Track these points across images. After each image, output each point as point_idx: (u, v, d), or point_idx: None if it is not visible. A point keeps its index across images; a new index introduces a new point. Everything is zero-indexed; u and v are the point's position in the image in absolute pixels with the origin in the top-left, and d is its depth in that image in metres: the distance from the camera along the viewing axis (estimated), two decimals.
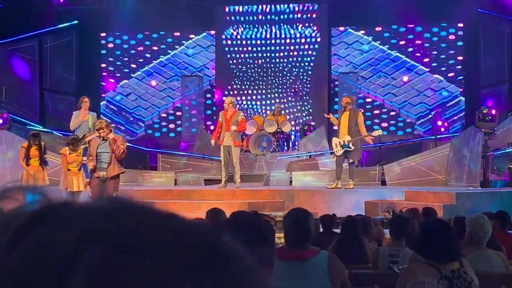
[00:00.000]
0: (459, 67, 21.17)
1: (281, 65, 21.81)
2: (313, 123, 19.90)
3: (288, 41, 21.77)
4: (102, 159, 11.18)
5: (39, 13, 20.19)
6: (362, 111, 15.65)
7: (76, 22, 21.24)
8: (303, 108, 21.49)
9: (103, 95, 22.35)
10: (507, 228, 7.61)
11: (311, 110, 21.51)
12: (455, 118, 20.89)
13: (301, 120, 20.21)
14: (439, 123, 19.14)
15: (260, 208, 12.67)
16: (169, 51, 22.47)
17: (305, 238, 4.31)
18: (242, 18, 21.96)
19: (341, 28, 21.89)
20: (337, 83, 21.63)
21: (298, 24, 21.68)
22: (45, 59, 20.85)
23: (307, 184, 15.29)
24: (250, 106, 21.75)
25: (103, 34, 22.47)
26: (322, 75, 21.50)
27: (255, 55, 21.94)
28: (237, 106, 18.24)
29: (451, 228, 4.58)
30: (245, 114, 17.24)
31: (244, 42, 21.96)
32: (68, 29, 21.26)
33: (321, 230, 7.79)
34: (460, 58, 21.17)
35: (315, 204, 12.07)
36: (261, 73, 21.89)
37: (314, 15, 21.55)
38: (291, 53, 21.75)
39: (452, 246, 4.09)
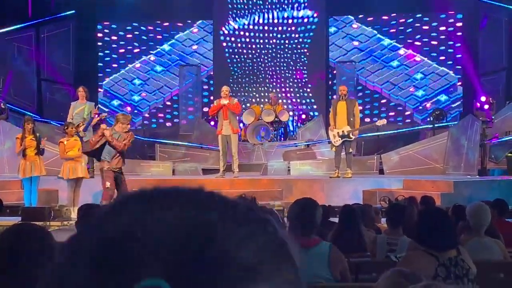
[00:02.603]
0: (458, 55, 21.12)
1: (278, 54, 21.74)
2: (313, 112, 19.87)
3: (285, 29, 21.70)
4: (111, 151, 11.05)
5: (37, 2, 20.12)
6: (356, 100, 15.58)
7: (73, 11, 21.16)
8: (301, 98, 21.46)
9: (101, 84, 22.29)
10: (505, 217, 7.61)
11: (309, 97, 21.48)
12: (453, 106, 20.87)
13: (299, 107, 20.19)
14: (437, 111, 19.11)
15: (259, 198, 12.66)
16: (167, 40, 22.40)
17: (310, 227, 4.32)
18: (239, 7, 21.88)
19: (339, 17, 21.82)
20: (334, 72, 21.57)
21: (295, 12, 21.61)
22: (43, 49, 20.78)
23: (305, 173, 15.28)
24: (248, 95, 21.70)
25: (100, 24, 22.40)
26: (319, 64, 21.45)
27: (252, 44, 21.86)
28: (232, 94, 18.18)
29: (449, 216, 4.59)
30: (241, 101, 17.25)
31: (241, 31, 21.89)
32: (65, 18, 21.17)
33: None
34: (458, 46, 21.12)
35: (313, 193, 12.03)
36: (259, 62, 21.82)
37: (311, 3, 21.47)
38: (289, 42, 21.68)
39: (449, 234, 4.09)
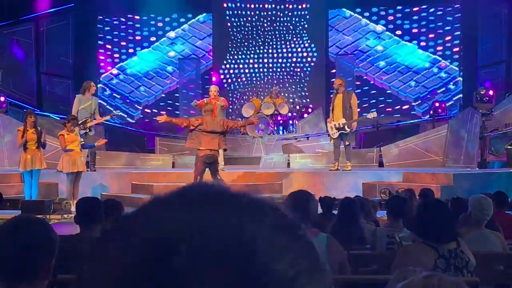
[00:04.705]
0: (457, 48, 21.11)
1: (278, 47, 21.73)
2: (311, 106, 19.88)
3: (285, 22, 21.68)
4: None
5: None
6: (355, 92, 15.56)
7: (72, 4, 21.14)
8: (300, 91, 21.45)
9: (100, 77, 22.27)
10: (504, 209, 7.62)
11: (307, 93, 21.47)
12: (453, 99, 20.86)
13: (297, 101, 20.17)
14: (437, 104, 19.10)
15: (258, 191, 12.69)
16: (166, 33, 22.38)
17: (305, 219, 4.32)
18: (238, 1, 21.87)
19: (338, 9, 21.80)
20: (334, 65, 21.57)
21: (294, 5, 21.58)
22: (42, 42, 20.77)
23: (305, 166, 15.28)
24: (248, 88, 21.69)
25: (99, 17, 22.37)
26: (319, 57, 21.43)
27: (252, 37, 21.85)
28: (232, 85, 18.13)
29: (448, 208, 4.59)
30: (240, 93, 17.23)
31: (241, 23, 21.87)
32: (64, 12, 21.15)
33: (320, 211, 7.80)
34: (457, 38, 21.11)
35: (313, 186, 12.05)
36: (259, 56, 21.82)
37: None
38: (288, 35, 21.66)
39: (449, 226, 4.10)
